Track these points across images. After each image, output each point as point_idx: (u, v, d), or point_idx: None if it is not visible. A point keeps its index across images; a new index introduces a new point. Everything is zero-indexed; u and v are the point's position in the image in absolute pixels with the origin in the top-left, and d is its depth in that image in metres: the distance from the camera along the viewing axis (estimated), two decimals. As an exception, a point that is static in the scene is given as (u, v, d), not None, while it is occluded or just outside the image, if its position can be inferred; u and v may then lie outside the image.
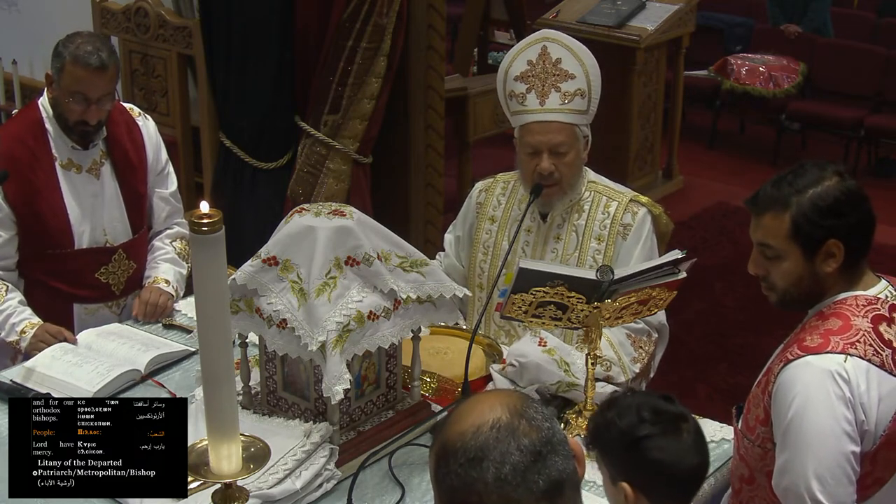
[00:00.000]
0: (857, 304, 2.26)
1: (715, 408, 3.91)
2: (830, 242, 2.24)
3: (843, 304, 2.27)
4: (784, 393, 2.19)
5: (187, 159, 5.29)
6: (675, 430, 2.03)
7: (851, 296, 2.28)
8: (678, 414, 2.07)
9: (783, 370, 2.21)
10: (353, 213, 2.57)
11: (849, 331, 2.21)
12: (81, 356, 2.99)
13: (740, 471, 2.40)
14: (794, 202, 2.25)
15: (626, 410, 2.05)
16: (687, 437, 2.04)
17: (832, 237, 2.24)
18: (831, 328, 2.22)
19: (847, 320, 2.23)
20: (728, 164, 7.98)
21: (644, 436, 2.01)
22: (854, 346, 2.18)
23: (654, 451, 2.00)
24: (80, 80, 3.13)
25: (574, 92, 3.03)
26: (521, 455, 1.48)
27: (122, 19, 5.29)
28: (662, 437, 2.01)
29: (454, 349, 3.03)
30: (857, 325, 2.22)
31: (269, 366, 2.65)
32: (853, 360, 2.17)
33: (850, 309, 2.25)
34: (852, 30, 8.51)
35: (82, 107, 3.16)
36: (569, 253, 3.12)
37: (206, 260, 1.79)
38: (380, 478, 2.54)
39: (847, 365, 2.16)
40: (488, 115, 6.14)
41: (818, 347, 2.19)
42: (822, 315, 2.28)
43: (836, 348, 2.18)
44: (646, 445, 2.00)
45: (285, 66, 4.46)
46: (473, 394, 2.69)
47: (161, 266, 3.45)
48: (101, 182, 3.33)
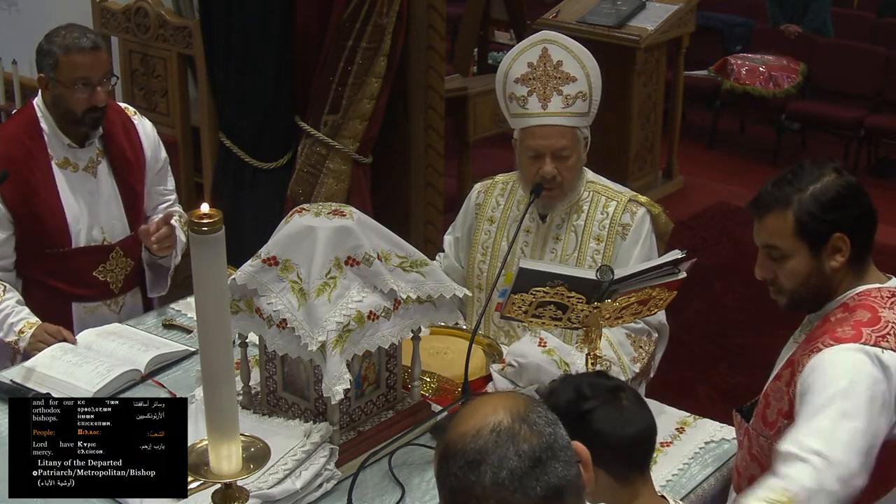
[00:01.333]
0: (882, 295, 2.26)
1: (715, 408, 3.91)
2: (836, 236, 2.25)
3: (867, 296, 2.26)
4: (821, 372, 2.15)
5: (187, 159, 5.29)
6: (614, 398, 2.07)
7: (874, 287, 2.27)
8: (615, 385, 2.10)
9: (815, 356, 2.18)
10: (353, 213, 2.57)
11: (878, 323, 2.20)
12: (81, 356, 2.99)
13: (751, 471, 2.39)
14: (795, 199, 2.25)
15: (564, 391, 2.09)
16: (627, 404, 2.08)
17: (837, 231, 2.24)
18: (861, 320, 2.21)
19: (875, 312, 2.22)
20: (728, 164, 7.98)
21: (586, 410, 2.04)
22: (885, 339, 2.17)
23: (597, 423, 2.03)
24: (79, 66, 3.13)
25: (576, 94, 3.03)
26: (520, 460, 1.48)
27: (122, 19, 5.29)
28: (604, 407, 2.05)
29: (454, 349, 3.03)
30: (885, 317, 2.21)
31: (269, 366, 2.65)
32: (888, 354, 2.16)
33: (875, 301, 2.25)
34: (852, 30, 8.51)
35: (88, 92, 3.16)
36: (568, 253, 3.12)
37: (206, 260, 1.79)
38: (380, 478, 2.54)
39: (884, 356, 2.15)
40: (488, 115, 6.14)
41: (852, 338, 2.17)
42: (847, 307, 2.27)
43: (870, 341, 2.17)
44: (589, 419, 2.03)
45: (285, 66, 4.45)
46: (474, 394, 2.69)
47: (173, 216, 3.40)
48: (97, 180, 3.33)
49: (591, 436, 2.01)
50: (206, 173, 5.16)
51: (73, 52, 3.12)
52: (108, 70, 3.22)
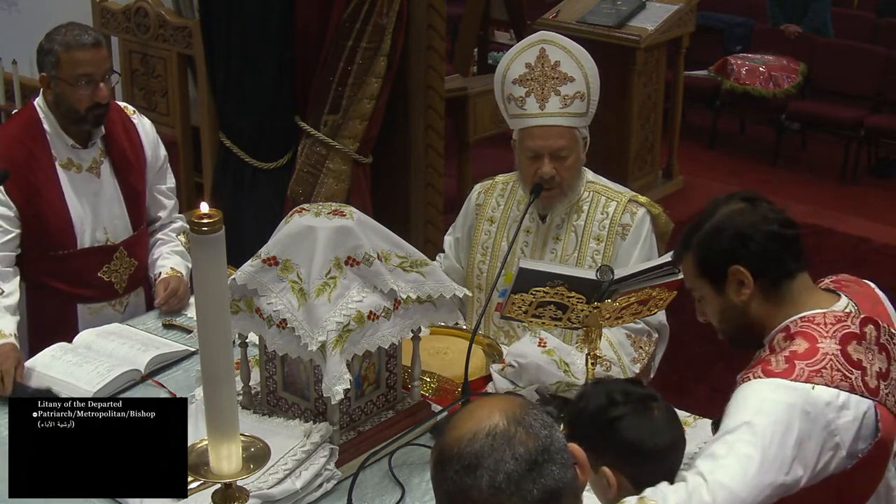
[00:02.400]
0: (826, 322, 2.16)
1: (715, 408, 3.88)
2: (732, 269, 2.20)
3: (810, 323, 2.17)
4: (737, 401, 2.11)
5: (187, 159, 5.29)
6: (645, 408, 2.06)
7: (820, 313, 2.18)
8: (647, 394, 2.09)
9: (743, 385, 2.14)
10: (353, 213, 2.57)
11: (815, 355, 2.11)
12: (81, 356, 2.99)
13: None
14: (693, 241, 2.25)
15: (596, 396, 2.08)
16: (658, 414, 2.07)
17: (732, 263, 2.19)
18: (797, 350, 2.13)
19: (814, 342, 2.13)
20: (728, 164, 7.98)
21: (616, 417, 2.03)
22: (819, 374, 2.09)
23: (627, 431, 2.02)
24: (82, 63, 3.13)
25: (574, 95, 3.03)
26: (516, 463, 1.48)
27: (122, 19, 5.30)
28: (634, 416, 2.04)
29: (454, 349, 3.03)
30: (823, 348, 2.12)
31: (269, 366, 2.65)
32: (820, 389, 2.08)
33: (817, 329, 2.15)
34: (852, 30, 8.51)
35: (90, 89, 3.15)
36: (568, 253, 3.12)
37: (206, 260, 1.79)
38: (380, 478, 2.54)
39: (815, 393, 2.07)
40: (488, 115, 6.15)
41: (783, 373, 2.10)
42: (787, 331, 2.19)
43: (801, 377, 2.09)
44: (619, 426, 2.03)
45: (285, 66, 4.46)
46: (474, 394, 2.69)
47: (173, 258, 3.45)
48: (101, 181, 3.33)
49: (617, 443, 2.01)
50: (206, 173, 5.17)
51: (74, 48, 3.12)
52: (109, 66, 3.23)
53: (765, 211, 2.23)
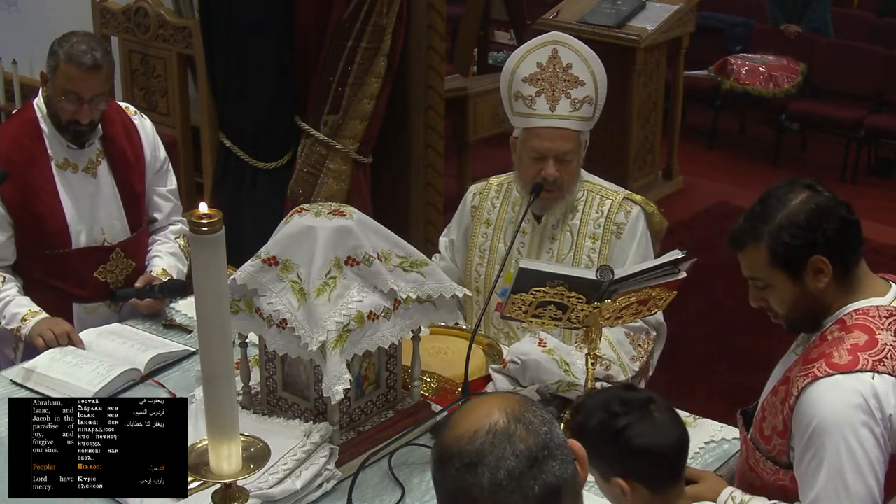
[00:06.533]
0: (880, 315, 2.23)
1: (715, 408, 3.91)
2: (813, 259, 2.22)
3: (865, 315, 2.24)
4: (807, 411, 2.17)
5: (187, 159, 5.29)
6: (646, 413, 2.07)
7: (873, 306, 2.25)
8: (645, 398, 2.10)
9: (810, 386, 2.18)
10: (353, 213, 2.57)
11: (875, 346, 2.18)
12: (81, 356, 2.99)
13: (749, 479, 2.39)
14: (765, 231, 2.24)
15: (595, 410, 2.08)
16: (660, 416, 2.07)
17: (813, 253, 2.22)
18: (857, 343, 2.19)
19: (872, 334, 2.20)
20: (728, 164, 7.98)
21: (621, 427, 2.03)
22: (882, 363, 2.16)
23: (635, 440, 2.03)
24: (73, 80, 3.13)
25: (583, 99, 3.02)
26: (517, 460, 1.48)
27: (121, 19, 5.30)
28: (638, 423, 2.04)
29: (454, 349, 3.03)
30: (882, 339, 2.19)
31: (269, 366, 2.65)
32: (881, 378, 2.15)
33: (873, 321, 2.22)
34: (852, 30, 8.51)
35: (74, 106, 3.16)
36: (564, 253, 3.12)
37: (206, 260, 1.79)
38: (380, 478, 2.54)
39: (876, 382, 2.14)
40: (488, 115, 6.15)
41: (847, 366, 2.16)
42: (843, 324, 2.25)
43: (866, 366, 2.16)
44: (626, 436, 2.03)
45: (285, 66, 4.46)
46: (474, 394, 2.69)
47: (166, 259, 3.45)
48: (98, 181, 3.33)
49: (628, 452, 2.02)
50: (206, 173, 5.17)
51: (72, 63, 3.12)
52: (101, 91, 3.17)
53: (829, 197, 2.26)
